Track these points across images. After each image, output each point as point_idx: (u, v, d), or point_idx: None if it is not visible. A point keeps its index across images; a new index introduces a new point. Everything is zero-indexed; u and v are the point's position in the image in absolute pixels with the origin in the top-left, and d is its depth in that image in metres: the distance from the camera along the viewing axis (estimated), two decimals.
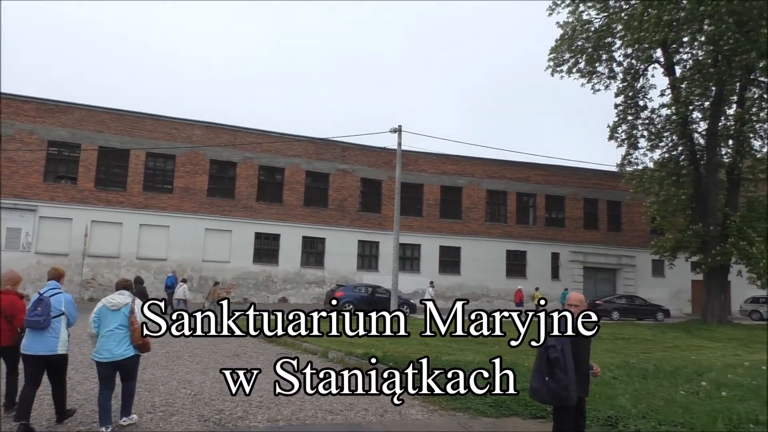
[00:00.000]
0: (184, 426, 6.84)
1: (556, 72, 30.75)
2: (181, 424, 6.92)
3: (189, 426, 6.86)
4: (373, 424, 7.33)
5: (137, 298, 6.88)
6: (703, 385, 9.28)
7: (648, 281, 37.36)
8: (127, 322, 6.47)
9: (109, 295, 6.74)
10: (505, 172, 36.48)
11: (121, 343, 6.42)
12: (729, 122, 28.67)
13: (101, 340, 6.43)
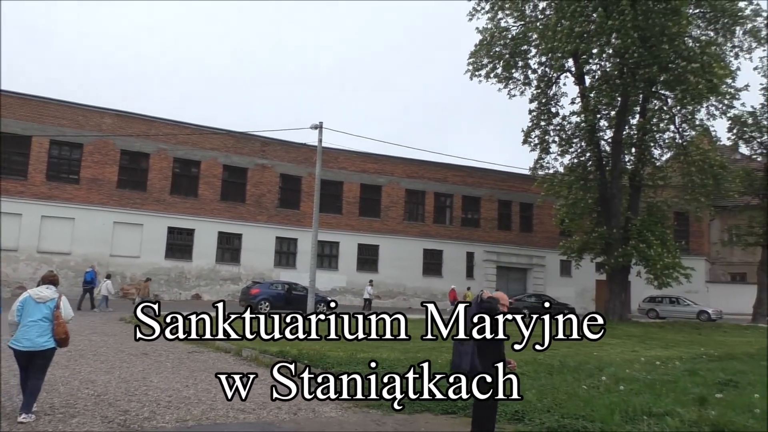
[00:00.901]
0: (86, 428, 6.51)
1: (475, 76, 31.50)
2: (83, 426, 6.58)
3: (91, 428, 6.53)
4: (286, 422, 7.25)
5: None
6: (603, 379, 9.78)
7: (556, 280, 39.07)
8: (51, 316, 6.71)
9: (36, 288, 7.03)
10: (423, 172, 37.08)
11: (43, 335, 6.64)
12: (632, 131, 30.28)
13: (22, 329, 6.62)
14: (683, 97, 27.45)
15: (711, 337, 23.16)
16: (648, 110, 29.79)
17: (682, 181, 30.37)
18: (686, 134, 30.07)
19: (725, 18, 28.40)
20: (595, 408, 7.48)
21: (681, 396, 8.74)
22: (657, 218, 29.93)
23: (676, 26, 25.25)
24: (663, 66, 26.54)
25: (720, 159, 29.39)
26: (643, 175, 30.30)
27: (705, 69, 25.91)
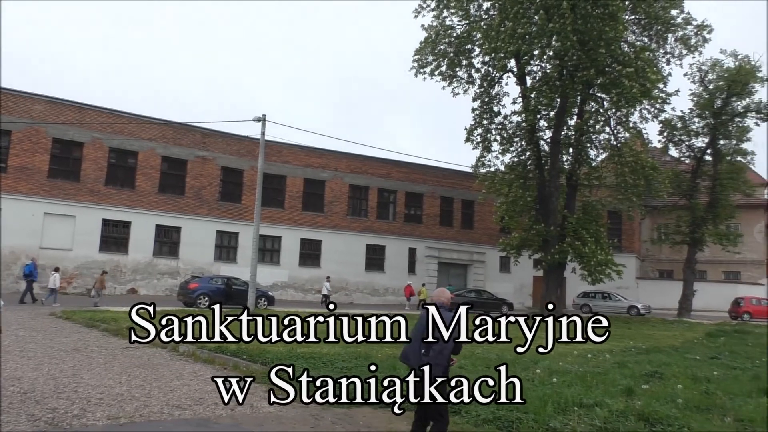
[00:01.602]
0: (10, 426, 6.24)
1: (420, 73, 31.72)
2: (7, 424, 6.30)
3: (16, 426, 6.27)
4: (222, 418, 7.15)
5: None
6: (538, 372, 10.09)
7: (495, 276, 39.90)
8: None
9: None
10: (367, 168, 37.13)
11: None
12: (570, 132, 31.20)
13: None
14: (618, 100, 28.50)
15: (639, 330, 24.19)
16: (585, 112, 30.74)
17: (615, 181, 31.46)
18: (620, 136, 31.19)
19: (658, 25, 29.63)
20: (529, 399, 7.70)
21: (610, 387, 9.11)
22: (592, 217, 31.00)
23: (613, 31, 26.15)
24: (600, 69, 27.44)
25: (651, 161, 30.64)
26: (579, 175, 31.26)
27: (639, 73, 26.97)
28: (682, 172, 35.17)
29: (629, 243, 42.43)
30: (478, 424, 6.95)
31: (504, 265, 39.76)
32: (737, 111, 33.40)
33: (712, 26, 29.59)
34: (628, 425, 6.86)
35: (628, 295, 37.48)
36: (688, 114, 34.19)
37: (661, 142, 34.97)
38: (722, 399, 8.71)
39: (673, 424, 6.99)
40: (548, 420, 6.87)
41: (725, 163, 33.99)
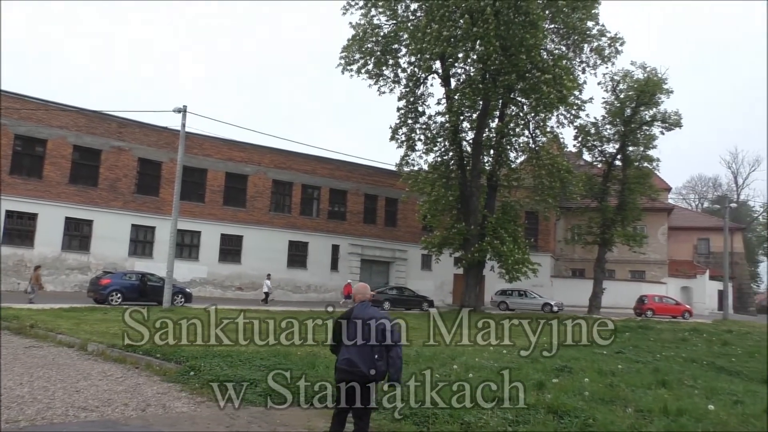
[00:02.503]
0: None
1: (347, 70, 31.75)
2: None
3: None
4: (133, 419, 6.89)
5: None
6: (455, 368, 10.31)
7: (417, 274, 40.45)
8: None
9: None
10: (291, 163, 36.72)
11: None
12: (491, 134, 32.10)
13: None
14: (537, 105, 29.60)
15: None
16: (506, 115, 31.70)
17: (533, 183, 32.64)
18: (538, 140, 32.35)
19: (576, 35, 30.95)
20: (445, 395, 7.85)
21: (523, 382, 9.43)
22: (510, 217, 32.02)
23: (534, 39, 27.10)
24: (521, 74, 28.37)
25: (566, 164, 31.96)
26: (499, 176, 32.21)
27: (556, 80, 28.09)
28: (595, 176, 36.83)
29: (545, 243, 44.10)
30: (396, 420, 7.03)
31: (426, 263, 40.36)
32: (645, 120, 35.33)
33: (624, 39, 31.25)
34: (538, 418, 7.13)
35: (543, 292, 38.96)
36: (600, 121, 35.84)
37: (576, 146, 36.48)
38: (625, 391, 9.23)
39: (579, 415, 7.33)
40: (463, 414, 7.03)
41: (633, 169, 35.89)
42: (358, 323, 5.48)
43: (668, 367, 12.88)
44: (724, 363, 14.96)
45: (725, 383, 11.46)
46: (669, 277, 47.49)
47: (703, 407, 8.17)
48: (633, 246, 36.47)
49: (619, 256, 44.65)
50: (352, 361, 5.38)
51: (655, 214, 47.76)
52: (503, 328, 21.79)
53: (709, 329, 25.49)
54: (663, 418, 7.55)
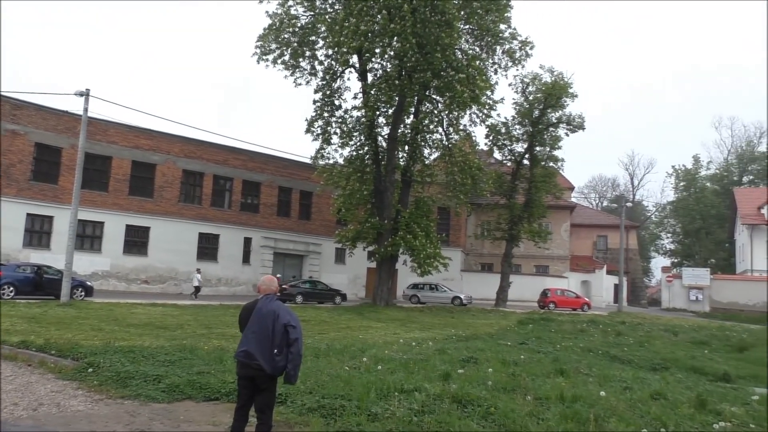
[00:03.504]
0: None
1: (262, 60, 31.18)
2: None
3: None
4: (23, 419, 6.50)
5: None
6: (365, 360, 10.42)
7: (331, 267, 40.41)
8: None
9: None
10: (203, 153, 35.62)
11: None
12: (406, 130, 32.52)
13: None
14: (451, 103, 30.25)
15: (461, 319, 25.97)
16: (421, 112, 32.20)
17: (445, 179, 33.39)
18: (451, 137, 33.07)
19: (489, 37, 31.81)
20: (354, 387, 7.94)
21: (430, 373, 9.68)
22: (423, 212, 32.62)
23: (449, 38, 27.65)
24: (435, 73, 28.87)
25: (478, 162, 32.95)
26: (413, 172, 32.70)
27: (470, 80, 28.82)
28: (504, 174, 38.15)
29: (456, 237, 45.23)
30: (303, 413, 7.02)
31: (339, 257, 40.40)
32: (551, 121, 36.95)
33: (534, 43, 32.45)
34: (443, 407, 7.34)
35: (453, 286, 39.98)
36: (510, 121, 37.14)
37: (487, 145, 37.62)
38: (526, 380, 9.65)
39: (482, 404, 7.60)
40: (370, 406, 7.12)
41: (540, 168, 37.46)
42: (260, 316, 5.42)
43: (566, 357, 13.59)
44: (617, 352, 15.96)
45: (617, 371, 12.22)
46: (570, 271, 49.96)
47: (596, 394, 8.68)
48: (538, 242, 38.11)
49: (525, 251, 46.50)
50: (250, 353, 5.31)
51: (559, 212, 50.09)
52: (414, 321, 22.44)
53: (605, 321, 27.12)
54: (559, 405, 7.96)
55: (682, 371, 14.16)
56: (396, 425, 6.41)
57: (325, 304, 31.17)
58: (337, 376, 8.90)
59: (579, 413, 7.37)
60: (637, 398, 8.94)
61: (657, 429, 7.02)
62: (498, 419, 6.98)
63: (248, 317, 5.53)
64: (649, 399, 8.97)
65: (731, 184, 72.65)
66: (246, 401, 5.54)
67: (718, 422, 7.40)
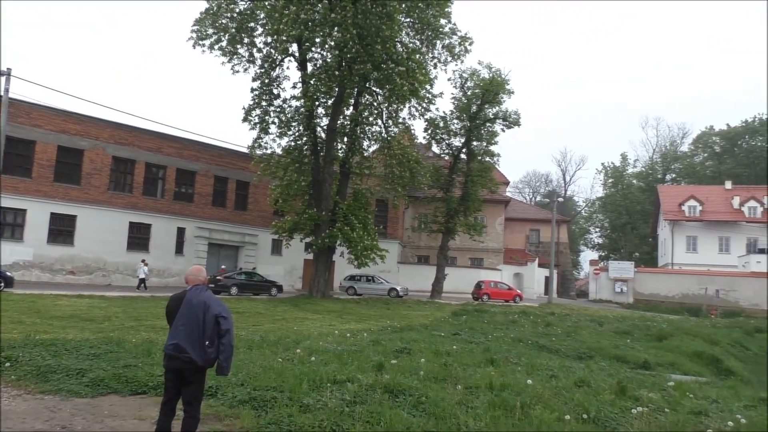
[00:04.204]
0: None
1: (199, 45, 30.36)
2: None
3: None
4: None
5: None
6: (298, 352, 10.37)
7: (267, 259, 39.92)
8: None
9: None
10: (134, 140, 34.40)
11: None
12: (346, 122, 32.43)
13: None
14: (390, 96, 30.37)
15: (397, 311, 26.22)
16: (360, 104, 32.15)
17: (384, 171, 33.53)
18: (391, 130, 33.23)
19: (429, 31, 32.04)
20: (286, 379, 7.90)
21: (363, 364, 9.74)
22: (361, 204, 32.65)
23: (389, 30, 27.70)
24: (376, 65, 28.88)
25: (416, 155, 33.23)
26: (352, 163, 32.66)
27: (409, 73, 29.01)
28: (442, 168, 38.64)
29: (393, 230, 45.54)
30: (233, 405, 6.94)
31: (276, 248, 39.97)
32: (488, 117, 37.61)
33: (473, 39, 32.91)
34: (375, 397, 7.40)
35: (390, 278, 40.28)
36: (449, 115, 37.58)
37: (426, 138, 37.97)
38: (457, 370, 9.86)
39: (414, 394, 7.71)
40: (302, 397, 7.10)
41: (476, 162, 38.13)
42: (190, 307, 5.31)
43: (497, 347, 13.96)
44: (546, 342, 16.52)
45: (545, 360, 12.66)
46: (504, 264, 51.22)
47: (524, 382, 8.96)
48: (473, 235, 38.84)
49: (460, 244, 47.32)
50: (179, 346, 5.20)
51: (494, 206, 51.21)
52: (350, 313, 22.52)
53: (535, 312, 27.99)
54: (488, 393, 8.18)
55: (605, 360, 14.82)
56: (327, 416, 6.43)
57: (261, 296, 30.78)
58: (270, 367, 8.83)
59: (506, 401, 7.59)
60: (562, 386, 9.28)
61: (579, 415, 7.30)
62: (428, 408, 7.10)
63: (176, 309, 5.41)
64: (574, 386, 9.33)
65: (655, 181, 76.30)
66: (174, 394, 5.43)
67: (636, 407, 7.76)
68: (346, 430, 6.09)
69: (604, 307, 42.28)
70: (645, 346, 18.59)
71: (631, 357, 15.72)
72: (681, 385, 10.10)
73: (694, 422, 7.39)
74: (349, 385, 7.86)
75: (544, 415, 6.98)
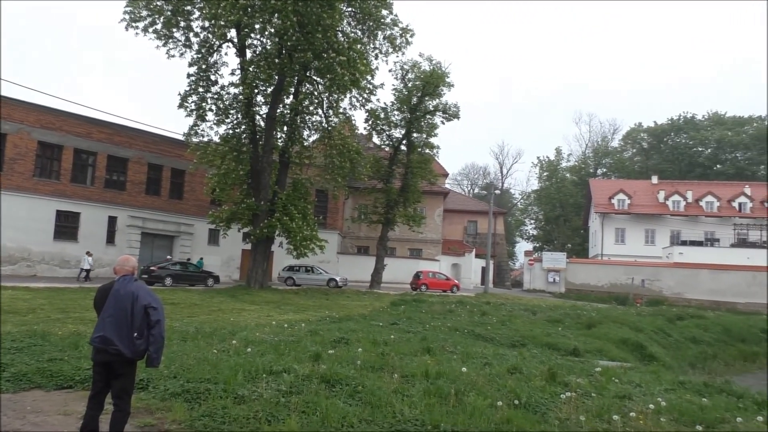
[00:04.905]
0: None
1: (131, 27, 29.21)
2: None
3: None
4: None
5: None
6: (234, 343, 10.23)
7: (204, 249, 39.03)
8: None
9: None
10: (62, 124, 32.86)
11: None
12: (285, 110, 31.97)
13: None
14: (331, 86, 30.16)
15: (336, 301, 26.21)
16: (300, 93, 31.77)
17: (324, 161, 33.32)
18: (331, 120, 33.00)
19: (371, 21, 31.95)
20: (221, 370, 7.79)
21: (300, 354, 9.70)
22: (301, 194, 32.38)
23: (331, 19, 27.46)
24: (316, 53, 28.60)
25: (357, 146, 33.14)
26: (291, 153, 32.30)
27: (351, 63, 28.86)
28: (382, 159, 38.76)
29: (333, 220, 45.41)
30: (165, 398, 6.79)
31: (213, 238, 39.17)
32: (428, 109, 37.95)
33: (414, 31, 33.05)
34: (312, 387, 7.40)
35: (330, 268, 40.20)
36: (389, 107, 37.71)
37: (366, 129, 37.95)
38: (394, 359, 9.97)
39: (350, 383, 7.75)
40: (237, 389, 7.02)
41: (416, 154, 38.46)
42: (118, 298, 5.15)
43: (434, 336, 14.18)
44: (481, 331, 16.90)
45: (480, 348, 12.95)
46: (442, 254, 52.00)
47: (458, 370, 9.15)
48: (413, 226, 39.20)
49: (400, 234, 47.71)
50: (106, 338, 5.04)
51: (433, 197, 51.83)
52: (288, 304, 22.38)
53: (472, 301, 28.56)
54: (424, 382, 8.31)
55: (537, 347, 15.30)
56: (262, 407, 6.37)
57: (197, 287, 30.15)
58: (205, 359, 8.68)
59: (441, 389, 7.73)
60: (496, 373, 9.53)
61: (511, 401, 7.52)
62: (365, 397, 7.15)
63: (104, 300, 5.24)
64: (506, 373, 9.60)
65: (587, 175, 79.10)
66: (102, 388, 5.27)
67: (565, 393, 8.06)
68: (281, 420, 6.05)
69: (538, 296, 43.58)
70: (575, 334, 19.31)
71: (562, 344, 16.29)
72: (607, 371, 10.55)
73: (618, 405, 7.74)
74: (285, 375, 7.82)
75: (477, 402, 7.15)
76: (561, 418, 6.94)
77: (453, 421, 6.26)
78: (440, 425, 6.06)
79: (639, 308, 34.57)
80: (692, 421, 7.20)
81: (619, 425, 6.51)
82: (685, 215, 58.18)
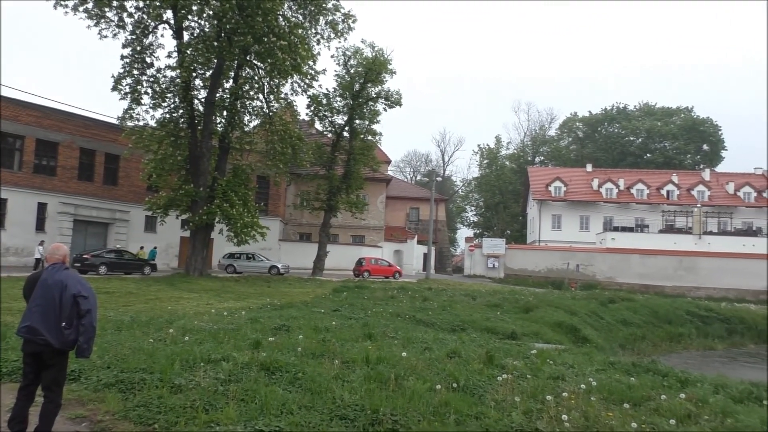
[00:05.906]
0: None
1: (60, 6, 27.84)
2: None
3: None
4: None
5: None
6: (171, 332, 10.04)
7: (140, 236, 37.88)
8: None
9: None
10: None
11: None
12: (225, 95, 31.28)
13: None
14: (272, 70, 29.72)
15: (278, 288, 26.01)
16: (240, 77, 31.16)
17: (265, 147, 32.86)
18: (272, 105, 32.52)
19: (312, 6, 31.58)
20: (157, 359, 7.64)
21: (240, 342, 9.62)
22: (241, 180, 31.87)
23: (271, 2, 27.01)
24: (257, 37, 28.06)
25: (298, 132, 32.84)
26: (231, 138, 31.72)
27: (292, 48, 28.51)
28: (324, 145, 38.53)
29: (275, 207, 44.93)
30: (99, 389, 6.62)
31: (150, 225, 38.06)
32: (371, 96, 37.88)
33: (356, 17, 32.85)
34: (251, 375, 7.35)
35: (271, 255, 39.81)
36: (332, 93, 37.47)
37: (308, 115, 37.57)
38: (335, 345, 10.01)
39: (290, 370, 7.75)
40: (174, 378, 6.91)
41: (359, 141, 38.40)
42: (46, 287, 4.98)
43: (376, 322, 14.31)
44: (422, 316, 17.16)
45: (420, 333, 13.16)
46: (385, 241, 52.28)
47: (399, 355, 9.27)
48: (355, 212, 39.25)
49: (342, 221, 47.66)
50: (33, 328, 4.88)
51: (376, 184, 51.97)
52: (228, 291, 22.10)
53: (413, 287, 28.90)
54: (365, 367, 8.39)
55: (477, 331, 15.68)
56: (200, 396, 6.30)
57: (133, 275, 29.29)
58: (140, 348, 8.50)
59: (381, 374, 7.82)
60: (435, 357, 9.72)
61: (450, 384, 7.69)
62: (305, 384, 7.17)
63: (33, 289, 5.07)
64: (446, 357, 9.80)
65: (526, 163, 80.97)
66: (32, 379, 5.12)
67: (502, 375, 8.31)
68: (219, 409, 6.00)
69: (478, 281, 44.48)
70: (513, 318, 19.87)
71: (500, 328, 16.74)
72: (543, 353, 10.93)
73: (552, 386, 8.03)
74: (224, 363, 7.75)
75: (417, 386, 7.28)
76: (497, 400, 7.14)
77: (392, 405, 6.35)
78: (379, 410, 6.14)
79: (573, 292, 35.78)
80: (620, 400, 7.54)
81: (552, 405, 6.77)
82: (618, 202, 60.46)
